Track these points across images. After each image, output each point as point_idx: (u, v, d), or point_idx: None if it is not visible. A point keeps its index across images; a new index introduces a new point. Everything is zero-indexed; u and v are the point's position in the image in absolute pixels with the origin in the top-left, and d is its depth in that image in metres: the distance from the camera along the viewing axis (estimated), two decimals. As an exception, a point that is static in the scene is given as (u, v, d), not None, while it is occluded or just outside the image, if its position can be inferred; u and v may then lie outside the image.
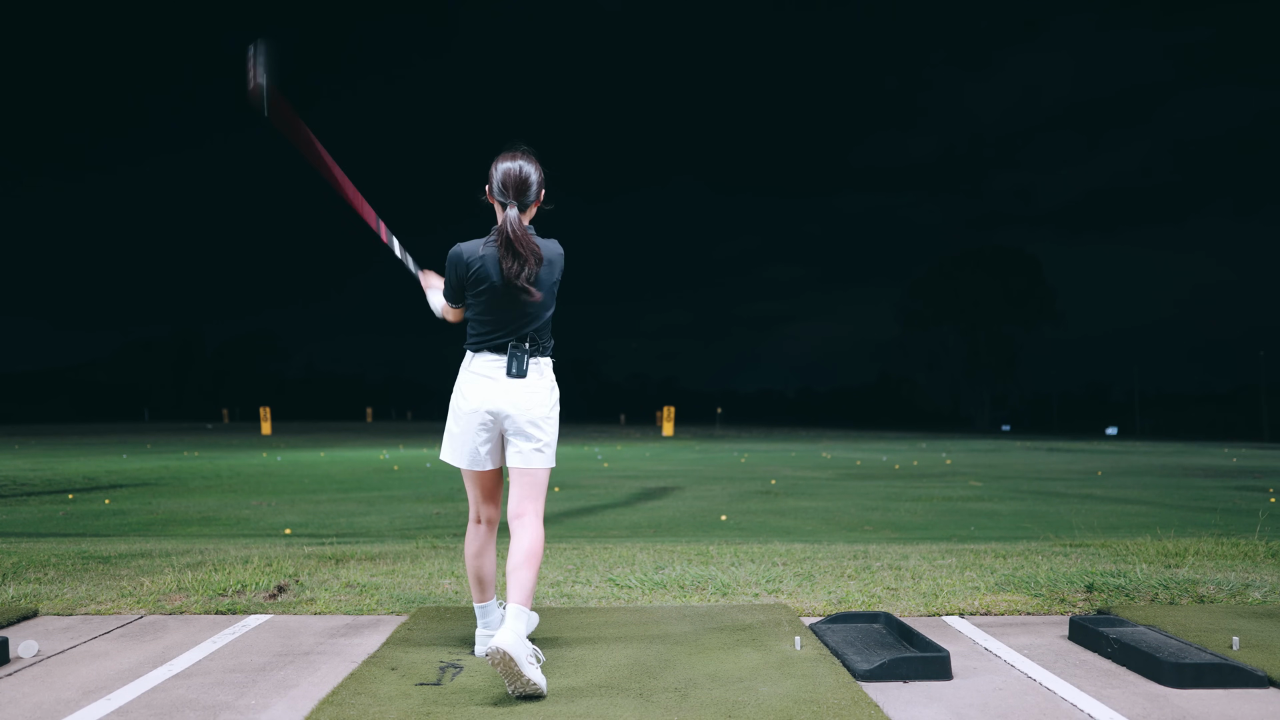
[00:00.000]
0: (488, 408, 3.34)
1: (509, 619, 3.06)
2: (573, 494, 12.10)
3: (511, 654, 2.91)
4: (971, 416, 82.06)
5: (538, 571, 3.27)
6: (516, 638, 2.96)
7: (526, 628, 3.14)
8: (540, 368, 3.38)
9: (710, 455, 24.95)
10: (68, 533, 8.05)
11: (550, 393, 3.40)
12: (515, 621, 3.05)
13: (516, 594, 3.14)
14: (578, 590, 4.71)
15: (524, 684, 2.94)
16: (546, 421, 3.37)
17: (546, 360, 3.42)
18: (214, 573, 5.01)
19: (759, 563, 5.39)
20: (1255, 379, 63.44)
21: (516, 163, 3.34)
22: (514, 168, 3.33)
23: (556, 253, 3.40)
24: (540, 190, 3.39)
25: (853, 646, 3.58)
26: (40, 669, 3.43)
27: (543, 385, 3.37)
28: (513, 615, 3.07)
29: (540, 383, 3.37)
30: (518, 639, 2.96)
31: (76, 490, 13.10)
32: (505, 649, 2.91)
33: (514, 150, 3.39)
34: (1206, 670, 3.19)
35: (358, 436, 41.54)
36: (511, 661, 2.91)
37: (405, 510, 10.25)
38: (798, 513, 10.11)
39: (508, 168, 3.33)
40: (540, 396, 3.36)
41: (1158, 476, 17.06)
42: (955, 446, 32.79)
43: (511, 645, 2.92)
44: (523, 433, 3.34)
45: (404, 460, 21.15)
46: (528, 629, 3.18)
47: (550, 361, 3.44)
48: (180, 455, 23.80)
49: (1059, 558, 5.55)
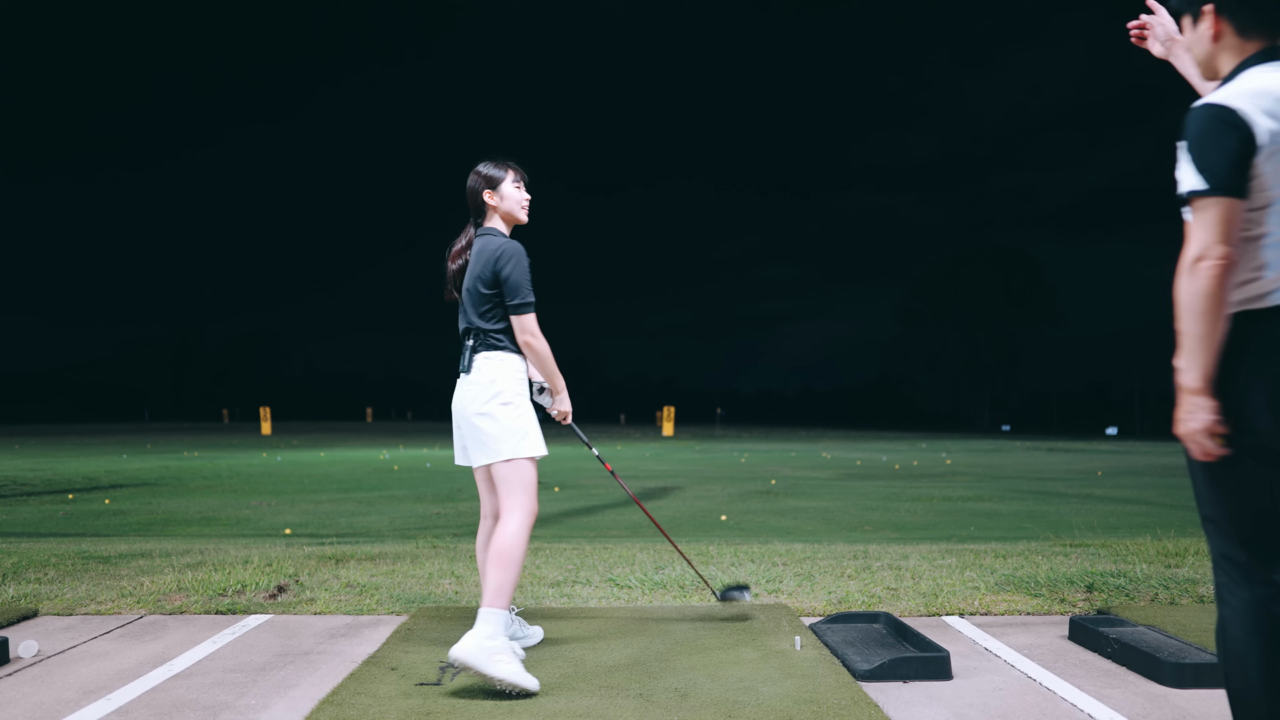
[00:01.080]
0: (454, 405, 3.48)
1: (476, 623, 3.11)
2: (573, 494, 12.10)
3: (465, 661, 2.99)
4: (971, 416, 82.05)
5: (511, 573, 3.20)
6: (472, 643, 3.02)
7: (498, 631, 3.10)
8: (481, 362, 3.37)
9: (710, 455, 24.95)
10: (68, 533, 8.05)
11: (487, 386, 3.34)
12: (479, 624, 3.10)
13: (484, 596, 3.18)
14: (578, 590, 4.71)
15: (499, 685, 2.98)
16: (481, 417, 3.32)
17: (493, 354, 3.38)
18: (214, 573, 5.01)
19: (759, 563, 5.39)
20: (1255, 379, 63.28)
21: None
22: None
23: (490, 248, 3.41)
24: (470, 199, 3.57)
25: (853, 646, 3.58)
26: (40, 669, 3.43)
27: (480, 380, 3.35)
28: (478, 619, 3.12)
29: (478, 377, 3.36)
30: (474, 645, 3.02)
31: (76, 490, 13.10)
32: (457, 658, 3.00)
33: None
34: (1206, 670, 3.19)
35: (358, 436, 41.55)
36: (468, 668, 2.99)
37: (405, 510, 10.25)
38: (798, 513, 10.11)
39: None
40: (475, 391, 3.35)
41: (1158, 476, 17.06)
42: (955, 446, 32.80)
43: (464, 652, 3.00)
44: (470, 427, 3.38)
45: (404, 460, 21.15)
46: (503, 633, 3.10)
47: (499, 355, 3.38)
48: (180, 455, 23.80)
49: (1059, 558, 5.55)
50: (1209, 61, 2.30)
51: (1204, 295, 2.07)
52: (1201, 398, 2.11)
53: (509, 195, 3.54)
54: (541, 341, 3.39)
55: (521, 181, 3.59)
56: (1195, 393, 2.11)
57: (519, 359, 3.44)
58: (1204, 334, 2.09)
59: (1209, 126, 2.09)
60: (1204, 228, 2.08)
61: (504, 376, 3.36)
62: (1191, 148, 2.11)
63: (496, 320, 3.40)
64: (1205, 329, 2.09)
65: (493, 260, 3.37)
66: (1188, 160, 2.12)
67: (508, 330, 3.41)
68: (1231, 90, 2.13)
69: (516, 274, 3.34)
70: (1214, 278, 2.06)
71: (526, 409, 3.40)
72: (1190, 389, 2.12)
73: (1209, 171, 2.08)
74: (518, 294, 3.34)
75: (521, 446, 3.32)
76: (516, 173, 3.58)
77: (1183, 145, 2.15)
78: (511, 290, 3.34)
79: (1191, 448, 2.15)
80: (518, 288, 3.34)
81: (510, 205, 3.53)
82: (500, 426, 3.32)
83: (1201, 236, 2.09)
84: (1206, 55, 2.29)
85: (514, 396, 3.36)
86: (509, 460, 3.31)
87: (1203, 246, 2.08)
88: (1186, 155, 2.12)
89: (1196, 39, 2.29)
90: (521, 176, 3.60)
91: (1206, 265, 2.07)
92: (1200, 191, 2.09)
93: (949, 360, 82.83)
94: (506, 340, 3.41)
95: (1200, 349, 2.10)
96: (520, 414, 3.35)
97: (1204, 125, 2.10)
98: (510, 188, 3.54)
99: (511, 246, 3.40)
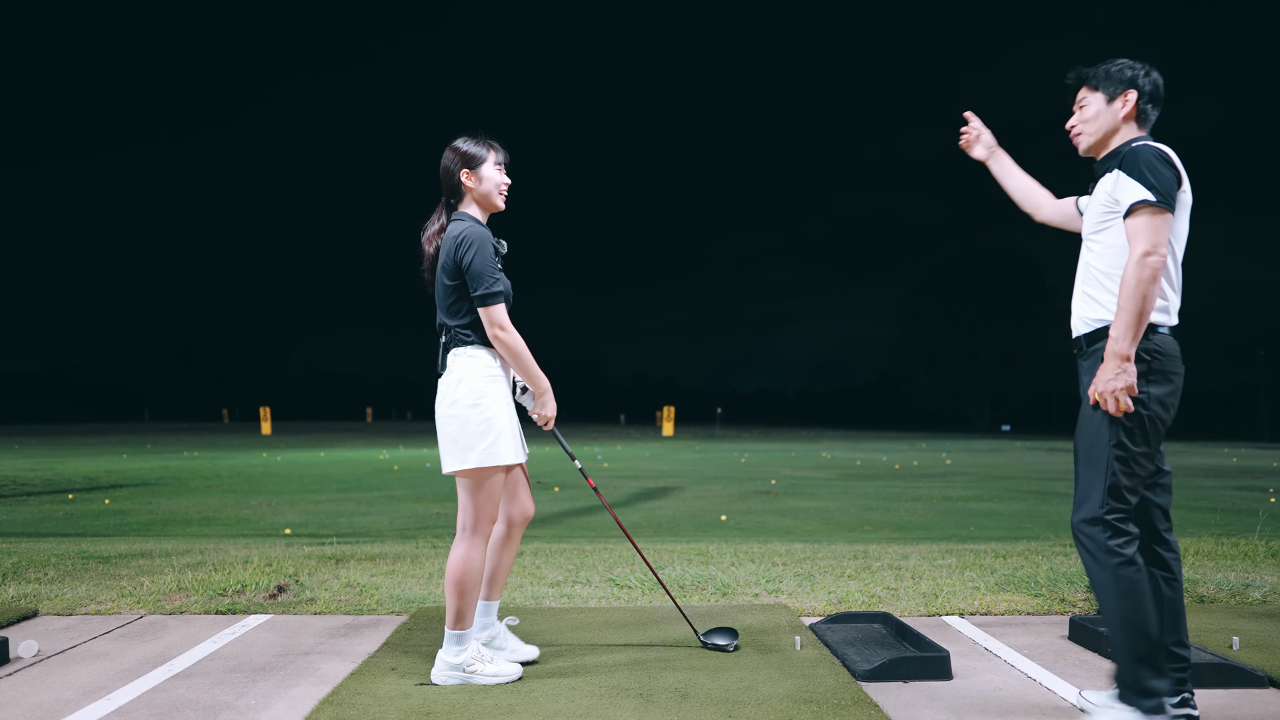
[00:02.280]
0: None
1: (444, 643, 3.19)
2: (573, 494, 12.10)
3: (445, 685, 3.11)
4: (971, 416, 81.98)
5: (468, 598, 3.11)
6: (443, 666, 3.13)
7: (466, 641, 3.16)
8: (451, 361, 3.18)
9: (710, 455, 24.94)
10: (68, 533, 8.05)
11: (455, 386, 3.12)
12: (444, 645, 3.17)
13: (446, 618, 3.19)
14: (578, 590, 4.71)
15: (490, 685, 3.11)
16: (446, 419, 3.13)
17: (463, 350, 3.17)
18: (214, 573, 5.01)
19: (759, 563, 5.39)
20: (1255, 379, 63.44)
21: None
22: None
23: (452, 235, 3.16)
24: (445, 178, 3.29)
25: (853, 646, 3.58)
26: (40, 669, 3.43)
27: (450, 379, 3.15)
28: (445, 639, 3.18)
29: (449, 377, 3.16)
30: (445, 668, 3.13)
31: (76, 490, 13.09)
32: (438, 684, 3.12)
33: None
34: (1206, 670, 3.19)
35: (358, 436, 41.53)
36: (449, 689, 3.07)
37: (405, 510, 10.25)
38: (798, 513, 10.11)
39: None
40: (444, 391, 3.17)
41: (1158, 476, 17.03)
42: (955, 446, 32.78)
43: (441, 677, 3.13)
44: (438, 429, 3.18)
45: (404, 460, 21.14)
46: (471, 638, 3.17)
47: (467, 351, 3.16)
48: (180, 455, 23.79)
49: (1059, 558, 5.55)
50: (1110, 134, 2.87)
51: (1149, 282, 2.60)
52: (1130, 363, 2.62)
53: (488, 177, 3.25)
54: (513, 335, 3.13)
55: (503, 164, 3.31)
56: (1126, 359, 2.62)
57: (490, 356, 3.18)
58: (1142, 312, 2.60)
59: (1159, 158, 2.67)
60: (1154, 231, 2.62)
61: (473, 375, 3.12)
62: (1146, 171, 2.64)
63: (464, 314, 3.16)
64: (1145, 309, 2.60)
65: (454, 248, 3.11)
66: (1137, 180, 2.65)
67: (476, 325, 3.16)
68: (1158, 145, 2.73)
69: (479, 261, 3.07)
70: (1157, 269, 2.60)
71: (498, 412, 3.13)
72: (1123, 355, 2.62)
73: (1159, 190, 2.62)
74: (480, 283, 3.07)
75: (485, 454, 3.07)
76: (499, 153, 3.29)
77: (1122, 172, 2.69)
78: (474, 280, 3.08)
79: (1109, 402, 2.64)
80: (480, 276, 3.07)
81: (488, 188, 3.24)
82: (463, 430, 3.08)
83: (1151, 237, 2.62)
84: (1110, 128, 2.86)
85: (482, 398, 3.10)
86: (471, 469, 3.09)
87: (1151, 244, 2.61)
88: (1135, 177, 2.65)
89: (1107, 113, 2.85)
90: (504, 157, 3.32)
91: (1154, 259, 2.60)
92: (1153, 202, 2.62)
93: (949, 360, 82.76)
94: (475, 336, 3.17)
95: (1137, 324, 2.61)
96: (488, 417, 3.09)
97: (1153, 156, 2.67)
98: (491, 169, 3.26)
99: (473, 231, 3.12)
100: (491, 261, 3.11)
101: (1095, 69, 2.90)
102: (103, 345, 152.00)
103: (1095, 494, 2.71)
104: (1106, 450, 2.69)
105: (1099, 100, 2.86)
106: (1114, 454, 2.68)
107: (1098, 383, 2.65)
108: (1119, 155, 2.76)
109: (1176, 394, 2.73)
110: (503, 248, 3.25)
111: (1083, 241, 2.93)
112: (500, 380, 3.21)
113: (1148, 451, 2.70)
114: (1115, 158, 2.78)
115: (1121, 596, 2.64)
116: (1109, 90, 2.85)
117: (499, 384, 3.19)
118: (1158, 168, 2.64)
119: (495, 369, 3.20)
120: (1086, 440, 2.76)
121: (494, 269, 3.11)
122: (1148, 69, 2.84)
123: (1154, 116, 2.86)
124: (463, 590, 3.11)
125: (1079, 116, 2.94)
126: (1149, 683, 2.64)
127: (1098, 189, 2.84)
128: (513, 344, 3.14)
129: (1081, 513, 2.75)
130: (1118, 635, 2.67)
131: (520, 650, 3.42)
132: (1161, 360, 2.69)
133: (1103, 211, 2.79)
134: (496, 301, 3.10)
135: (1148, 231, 2.61)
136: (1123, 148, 2.78)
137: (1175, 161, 2.69)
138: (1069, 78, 2.95)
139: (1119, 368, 2.61)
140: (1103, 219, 2.79)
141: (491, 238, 3.18)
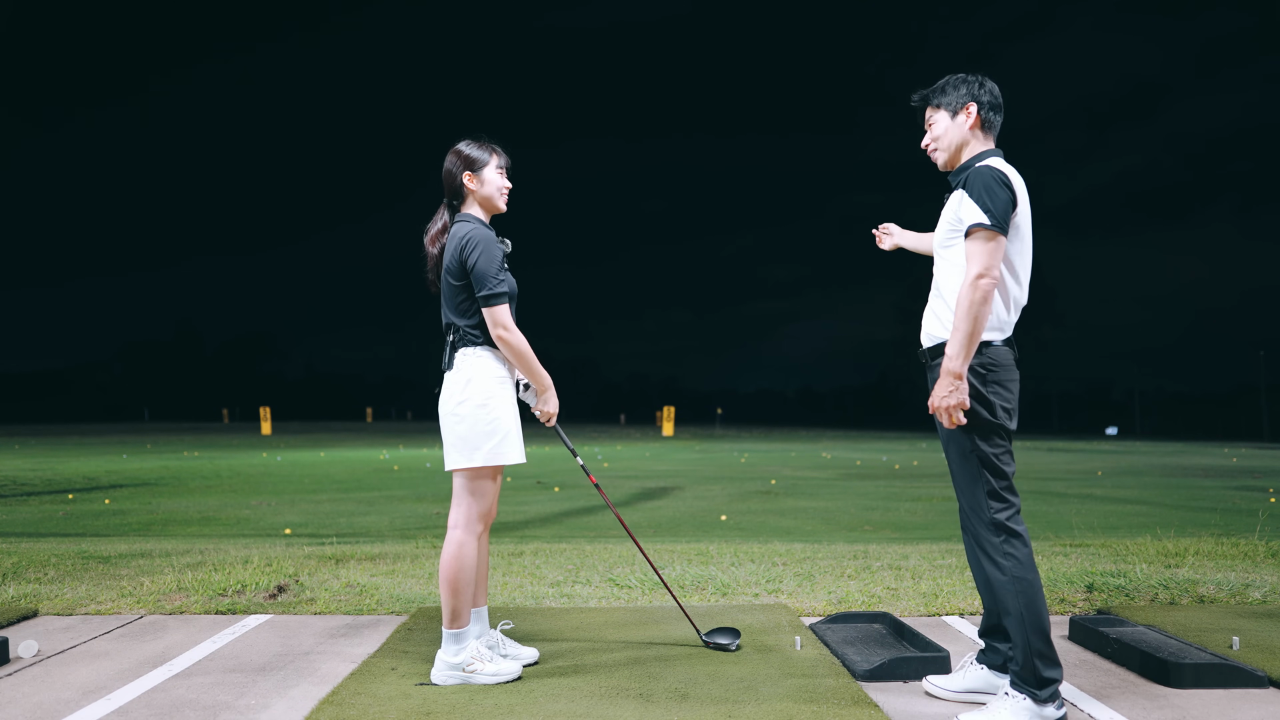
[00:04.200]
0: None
1: (442, 644, 3.19)
2: (573, 494, 12.10)
3: (446, 685, 3.11)
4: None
5: (462, 595, 3.15)
6: (443, 667, 3.14)
7: (464, 640, 3.17)
8: (460, 359, 3.21)
9: (710, 455, 24.94)
10: (68, 533, 8.05)
11: (464, 385, 3.17)
12: (443, 646, 3.18)
13: (443, 619, 3.21)
14: (578, 590, 4.71)
15: (490, 684, 3.12)
16: (452, 417, 3.17)
17: (472, 350, 3.20)
18: (214, 573, 5.01)
19: (759, 563, 5.38)
20: (1255, 379, 63.43)
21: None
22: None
23: (457, 236, 3.21)
24: (447, 181, 3.31)
25: (853, 646, 3.58)
26: (40, 669, 3.43)
27: (458, 377, 3.19)
28: (443, 640, 3.19)
29: (457, 375, 3.20)
30: (445, 668, 3.14)
31: (76, 490, 13.10)
32: (438, 684, 3.12)
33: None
34: (1206, 670, 3.18)
35: (358, 436, 41.53)
36: (449, 689, 3.08)
37: (405, 510, 10.25)
38: (798, 513, 10.11)
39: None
40: (451, 389, 3.20)
41: (1158, 476, 17.06)
42: (955, 446, 32.77)
43: (441, 678, 3.14)
44: (442, 426, 3.22)
45: (404, 460, 21.14)
46: (470, 638, 3.18)
47: (477, 351, 3.20)
48: (180, 455, 23.80)
49: (1059, 558, 5.54)
50: (961, 146, 2.96)
51: (980, 303, 2.68)
52: (963, 381, 2.72)
53: (490, 180, 3.28)
54: (516, 335, 3.16)
55: (505, 167, 3.34)
56: (959, 376, 2.72)
57: (498, 357, 3.23)
58: (974, 332, 2.70)
59: (995, 179, 2.74)
60: (987, 254, 2.70)
61: (482, 375, 3.18)
62: (982, 194, 2.72)
63: (472, 315, 3.20)
64: (977, 329, 2.69)
65: (459, 249, 3.16)
66: (975, 203, 2.72)
67: (484, 324, 3.19)
68: (999, 163, 2.83)
69: (483, 262, 3.11)
70: (988, 291, 2.69)
71: (503, 414, 3.19)
72: (955, 373, 2.71)
73: (993, 213, 2.70)
74: (484, 284, 3.11)
75: (491, 454, 3.14)
76: (501, 157, 3.32)
77: (965, 193, 2.77)
78: (478, 280, 3.12)
79: (943, 417, 2.76)
80: (483, 277, 3.11)
81: (490, 191, 3.28)
82: (471, 429, 3.15)
83: (985, 260, 2.70)
84: (960, 140, 2.95)
85: (490, 398, 3.16)
86: (476, 468, 3.16)
87: (984, 267, 2.69)
88: (974, 199, 2.73)
89: (954, 127, 2.95)
90: (505, 161, 3.34)
91: (985, 282, 2.68)
92: (988, 225, 2.69)
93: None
94: (483, 336, 3.20)
95: (969, 343, 2.70)
96: (495, 418, 3.16)
97: (991, 179, 2.74)
98: (493, 173, 3.29)
99: (478, 233, 3.16)
100: (495, 262, 3.15)
101: (934, 88, 3.02)
102: (103, 345, 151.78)
103: (979, 501, 2.85)
104: (973, 459, 2.83)
105: (944, 117, 2.98)
106: (979, 460, 2.82)
107: (934, 399, 2.78)
108: (964, 173, 2.86)
109: (1016, 397, 2.88)
110: (507, 247, 3.29)
111: (934, 255, 3.03)
112: (507, 382, 3.26)
113: (1007, 448, 2.85)
114: (962, 173, 2.89)
115: (1018, 596, 2.77)
116: (951, 106, 2.96)
117: (506, 385, 3.25)
118: (995, 190, 2.72)
119: (503, 371, 3.25)
120: (955, 455, 2.90)
121: (497, 270, 3.15)
122: (981, 80, 2.96)
123: (998, 122, 2.97)
124: (456, 588, 3.14)
125: (930, 135, 3.04)
126: (1045, 673, 2.75)
127: (947, 205, 2.93)
128: (515, 343, 3.17)
129: (973, 520, 2.88)
130: (1017, 633, 2.78)
131: (520, 653, 3.42)
132: (997, 371, 2.82)
133: (948, 230, 2.89)
134: (500, 302, 3.13)
135: (981, 254, 2.70)
136: (970, 163, 2.90)
137: (1013, 183, 2.77)
138: (913, 100, 3.07)
139: (951, 385, 2.72)
140: (948, 236, 2.90)
141: (495, 239, 3.22)
